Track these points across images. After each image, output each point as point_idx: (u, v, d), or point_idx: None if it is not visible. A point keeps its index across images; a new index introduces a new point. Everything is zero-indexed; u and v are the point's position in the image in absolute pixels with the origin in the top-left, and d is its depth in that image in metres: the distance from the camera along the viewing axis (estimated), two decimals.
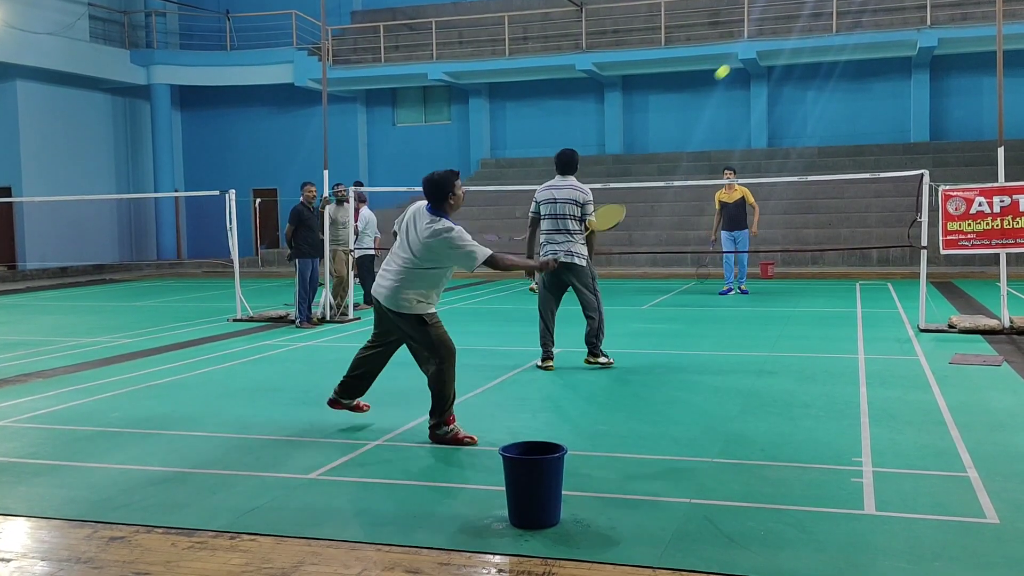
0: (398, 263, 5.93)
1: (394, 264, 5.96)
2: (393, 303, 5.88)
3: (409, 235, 5.92)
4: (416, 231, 5.87)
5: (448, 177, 5.90)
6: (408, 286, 5.85)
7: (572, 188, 8.26)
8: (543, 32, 26.14)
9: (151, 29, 28.23)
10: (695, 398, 7.12)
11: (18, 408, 7.21)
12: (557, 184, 8.35)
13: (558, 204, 8.24)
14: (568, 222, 8.22)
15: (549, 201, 8.30)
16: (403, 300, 5.86)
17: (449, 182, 5.88)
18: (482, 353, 9.54)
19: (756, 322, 11.68)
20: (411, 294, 5.86)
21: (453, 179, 5.91)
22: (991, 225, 10.02)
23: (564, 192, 8.25)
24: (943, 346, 9.37)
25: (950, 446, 5.55)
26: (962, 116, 24.06)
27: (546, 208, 8.31)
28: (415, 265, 5.86)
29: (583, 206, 8.21)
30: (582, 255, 8.26)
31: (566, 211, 8.21)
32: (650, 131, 26.45)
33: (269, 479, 5.15)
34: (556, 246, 8.23)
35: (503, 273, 20.83)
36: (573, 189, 8.26)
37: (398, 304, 5.86)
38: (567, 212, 8.21)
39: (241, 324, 12.39)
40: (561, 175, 8.38)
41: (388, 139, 28.39)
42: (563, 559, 3.91)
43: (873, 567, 3.77)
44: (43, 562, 4.04)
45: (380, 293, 5.95)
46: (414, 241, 5.87)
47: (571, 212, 8.21)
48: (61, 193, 24.04)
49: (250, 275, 21.62)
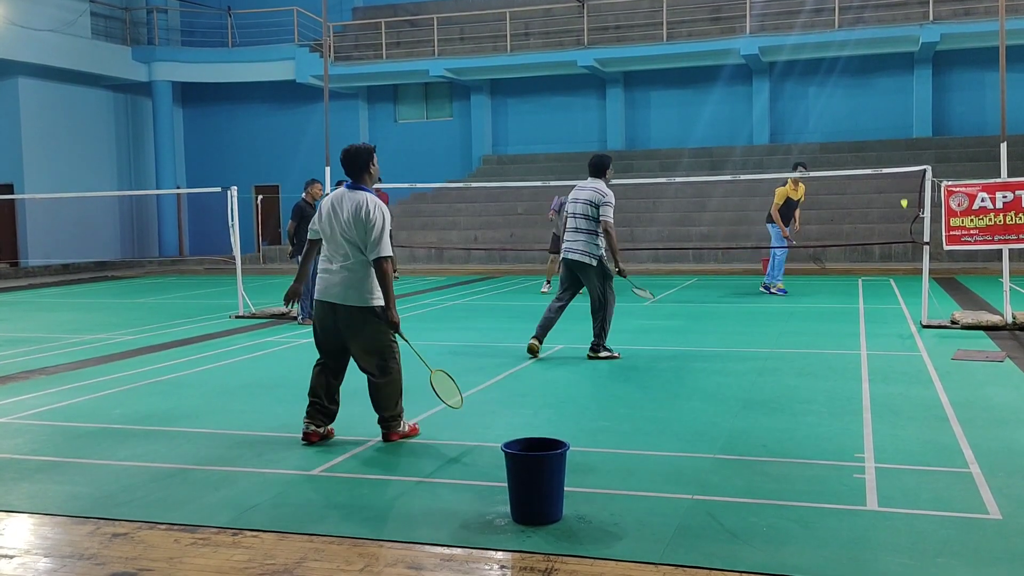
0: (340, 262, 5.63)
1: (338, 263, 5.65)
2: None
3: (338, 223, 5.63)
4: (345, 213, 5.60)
5: (367, 147, 5.77)
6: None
7: (592, 190, 8.55)
8: (545, 28, 26.10)
9: (153, 26, 28.23)
10: (697, 394, 7.12)
11: (21, 405, 7.22)
12: (582, 185, 8.71)
13: (578, 204, 8.60)
14: (582, 221, 8.54)
15: (572, 201, 8.70)
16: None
17: (369, 152, 5.75)
18: (483, 350, 9.55)
19: (758, 318, 11.68)
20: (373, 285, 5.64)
21: (372, 150, 5.78)
22: (994, 221, 10.01)
23: (585, 193, 8.59)
24: (945, 342, 9.36)
25: (952, 442, 5.55)
26: (965, 112, 24.03)
27: (569, 207, 8.73)
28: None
29: (599, 207, 8.46)
30: (594, 255, 8.53)
31: (583, 211, 8.54)
32: (652, 127, 26.43)
33: (271, 475, 5.15)
34: (570, 244, 8.59)
35: (505, 269, 20.83)
36: (593, 191, 8.54)
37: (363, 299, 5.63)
38: (583, 212, 8.53)
39: (243, 321, 12.40)
40: (592, 177, 8.69)
41: (390, 136, 28.37)
42: (565, 555, 3.91)
43: (876, 563, 3.77)
44: (46, 558, 4.05)
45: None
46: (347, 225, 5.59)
47: (587, 212, 8.51)
48: (63, 190, 24.04)
49: (252, 272, 21.64)
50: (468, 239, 23.12)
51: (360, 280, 5.62)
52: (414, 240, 22.50)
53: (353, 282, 5.62)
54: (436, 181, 25.44)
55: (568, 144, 26.63)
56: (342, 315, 5.65)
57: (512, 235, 23.31)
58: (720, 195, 23.12)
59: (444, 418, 6.42)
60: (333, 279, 5.67)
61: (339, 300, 5.64)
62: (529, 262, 21.81)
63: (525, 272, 20.29)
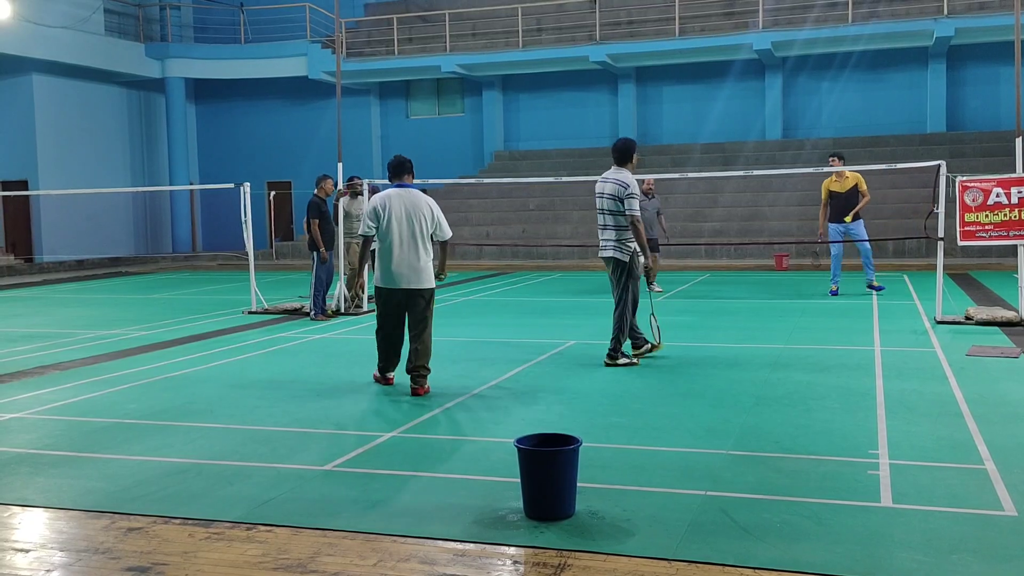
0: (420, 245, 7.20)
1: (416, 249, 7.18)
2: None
3: (415, 216, 7.20)
4: (418, 207, 7.24)
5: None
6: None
7: (615, 182, 8.10)
8: (557, 24, 26.07)
9: (166, 22, 28.31)
10: (709, 390, 7.10)
11: (36, 400, 7.26)
12: (607, 176, 8.25)
13: (604, 198, 8.16)
14: (609, 217, 8.11)
15: (598, 194, 8.24)
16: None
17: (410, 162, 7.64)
18: (496, 345, 9.55)
19: (771, 314, 11.65)
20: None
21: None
22: (1009, 216, 9.95)
23: (608, 186, 8.14)
24: (960, 338, 9.32)
25: (967, 438, 5.52)
26: (979, 106, 23.87)
27: (597, 202, 8.28)
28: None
29: (624, 200, 8.02)
30: (624, 250, 8.12)
31: (607, 206, 8.12)
32: (664, 122, 26.37)
33: (285, 470, 5.17)
34: (603, 241, 8.20)
35: (517, 265, 20.82)
36: (616, 183, 8.09)
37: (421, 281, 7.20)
38: (610, 208, 8.10)
39: (256, 316, 12.44)
40: (616, 166, 8.25)
41: (401, 132, 28.41)
42: (578, 551, 3.91)
43: (890, 559, 3.75)
44: (61, 552, 4.07)
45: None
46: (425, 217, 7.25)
47: (611, 207, 8.08)
48: (77, 186, 24.14)
49: (265, 268, 21.70)
50: (480, 235, 23.11)
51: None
52: None
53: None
54: (448, 177, 25.44)
55: (580, 140, 26.60)
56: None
57: (524, 231, 23.30)
58: (732, 190, 23.05)
59: (457, 414, 6.43)
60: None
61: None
62: (541, 258, 21.80)
63: (537, 268, 20.29)
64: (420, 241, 7.12)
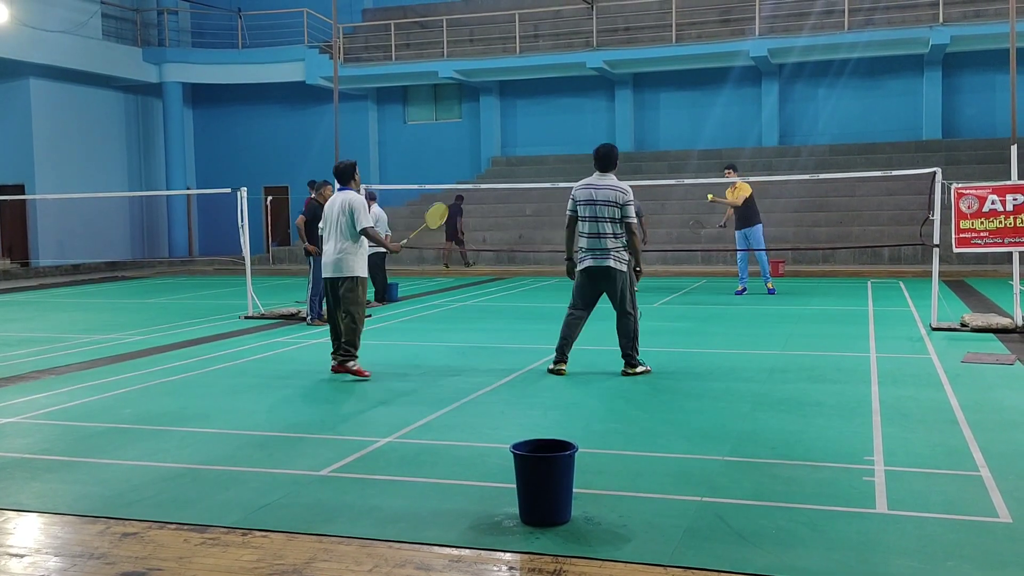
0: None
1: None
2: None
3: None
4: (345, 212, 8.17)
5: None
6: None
7: (611, 188, 7.78)
8: (554, 30, 26.12)
9: (163, 27, 28.31)
10: (705, 396, 7.11)
11: (31, 404, 7.25)
12: (595, 183, 7.85)
13: (597, 205, 7.76)
14: (606, 225, 7.76)
15: (588, 202, 7.81)
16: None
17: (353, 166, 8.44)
18: (492, 351, 9.55)
19: (767, 320, 11.66)
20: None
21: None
22: (1004, 223, 9.98)
23: (603, 192, 7.76)
24: (955, 345, 9.33)
25: (962, 445, 5.53)
26: (975, 114, 23.94)
27: (584, 209, 7.82)
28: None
29: (623, 207, 7.75)
30: (621, 260, 7.83)
31: (604, 213, 7.75)
32: (661, 129, 26.42)
33: (280, 475, 5.17)
34: (594, 250, 7.82)
35: (514, 271, 20.84)
36: (612, 189, 7.77)
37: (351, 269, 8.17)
38: (605, 214, 7.75)
39: (253, 321, 12.43)
40: (600, 172, 7.88)
41: (399, 137, 28.43)
42: (574, 556, 3.91)
43: (885, 566, 3.76)
44: (56, 557, 4.07)
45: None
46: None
47: (610, 214, 7.75)
48: (74, 191, 24.12)
49: (261, 272, 21.69)
50: (477, 240, 23.13)
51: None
52: (423, 241, 22.52)
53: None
54: (445, 182, 25.45)
55: (577, 146, 26.62)
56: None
57: (521, 236, 23.32)
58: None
59: (453, 419, 6.43)
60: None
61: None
62: (537, 263, 21.81)
63: (534, 273, 20.30)
64: (344, 234, 8.22)
